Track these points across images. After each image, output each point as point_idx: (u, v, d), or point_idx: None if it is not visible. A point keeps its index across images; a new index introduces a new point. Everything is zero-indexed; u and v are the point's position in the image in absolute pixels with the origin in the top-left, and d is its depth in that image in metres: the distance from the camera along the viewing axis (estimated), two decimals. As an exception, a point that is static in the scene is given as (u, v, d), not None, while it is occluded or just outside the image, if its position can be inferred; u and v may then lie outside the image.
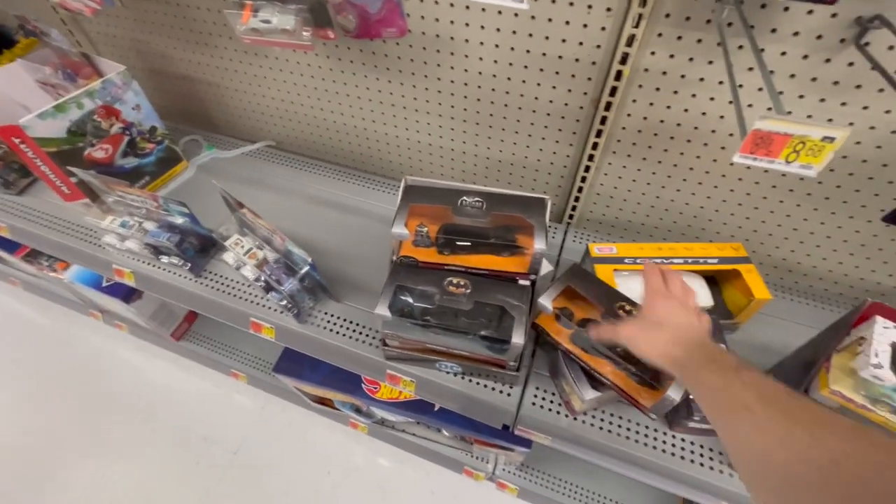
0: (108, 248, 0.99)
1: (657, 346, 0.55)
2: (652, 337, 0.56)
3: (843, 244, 0.86)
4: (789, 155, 0.37)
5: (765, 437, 0.37)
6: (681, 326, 0.56)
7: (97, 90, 0.94)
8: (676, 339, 0.54)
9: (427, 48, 0.87)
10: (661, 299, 0.60)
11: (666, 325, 0.56)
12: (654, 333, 0.56)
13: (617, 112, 0.82)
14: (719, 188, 0.88)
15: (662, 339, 0.55)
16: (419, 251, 0.76)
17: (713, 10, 0.65)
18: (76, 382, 1.62)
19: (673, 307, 0.58)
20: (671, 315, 0.57)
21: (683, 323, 0.56)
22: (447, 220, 0.76)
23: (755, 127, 0.37)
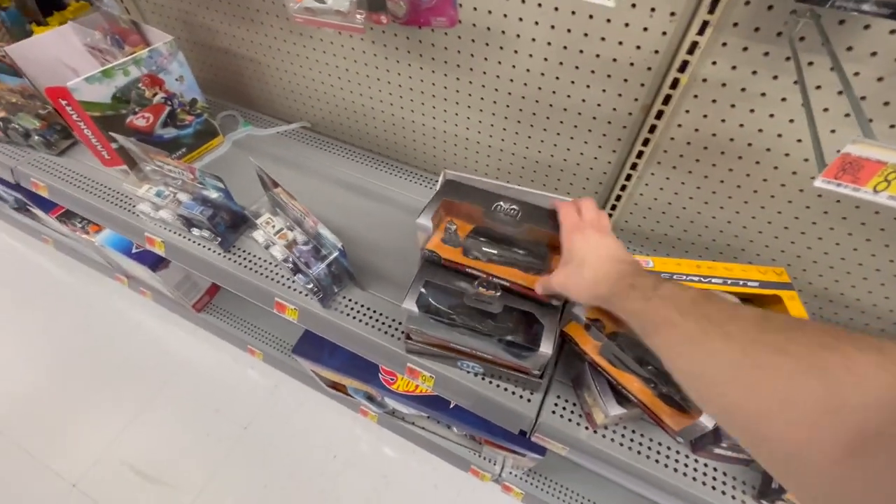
0: (141, 215, 1.00)
1: (585, 288, 0.55)
2: (577, 279, 0.56)
3: (893, 279, 0.82)
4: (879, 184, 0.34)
5: (688, 345, 0.39)
6: (599, 258, 0.55)
7: (144, 59, 0.95)
8: (598, 275, 0.54)
9: (476, 41, 0.85)
10: (577, 234, 0.59)
11: (586, 261, 0.56)
12: (578, 275, 0.56)
13: (668, 122, 0.79)
14: (766, 209, 0.84)
15: (587, 280, 0.55)
16: (446, 248, 0.73)
17: (786, 22, 0.62)
18: (96, 343, 1.66)
19: (588, 238, 0.57)
20: (588, 249, 0.57)
21: (602, 254, 0.56)
22: (479, 222, 0.74)
23: (845, 150, 0.35)
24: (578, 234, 0.59)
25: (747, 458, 0.71)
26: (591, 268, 0.55)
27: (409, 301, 0.69)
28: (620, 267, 0.53)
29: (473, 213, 0.72)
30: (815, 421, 0.28)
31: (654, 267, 0.80)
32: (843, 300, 0.91)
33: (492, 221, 0.70)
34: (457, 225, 0.72)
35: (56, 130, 1.14)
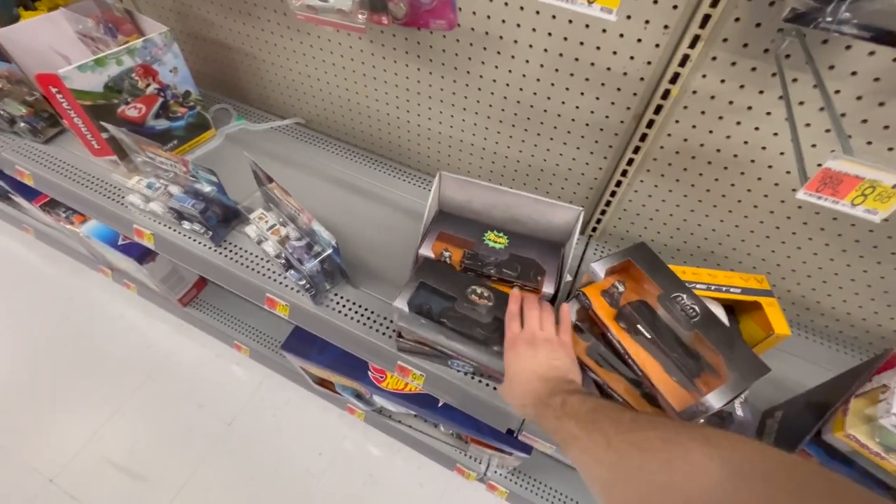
0: (131, 207, 0.99)
1: (516, 406, 0.60)
2: (510, 396, 0.61)
3: (868, 289, 0.86)
4: (856, 198, 0.36)
5: (586, 455, 0.45)
6: (526, 378, 0.59)
7: (138, 49, 0.94)
8: (524, 394, 0.58)
9: (474, 44, 0.87)
10: (511, 350, 0.63)
11: (515, 379, 0.60)
12: (510, 392, 0.61)
13: (658, 131, 0.81)
14: (749, 218, 0.87)
15: (516, 398, 0.60)
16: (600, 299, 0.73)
17: (773, 39, 0.64)
18: (77, 336, 1.63)
19: (517, 354, 0.61)
20: (517, 367, 0.61)
21: (528, 371, 0.59)
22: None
23: (826, 165, 0.37)
24: (511, 350, 0.63)
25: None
26: (519, 386, 0.60)
27: (401, 300, 0.70)
28: (540, 386, 0.57)
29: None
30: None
31: (642, 272, 0.82)
32: (819, 308, 0.95)
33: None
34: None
35: (43, 118, 1.12)
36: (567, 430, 0.48)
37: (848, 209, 0.38)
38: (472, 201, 0.83)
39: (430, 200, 0.79)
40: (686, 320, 0.64)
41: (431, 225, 0.82)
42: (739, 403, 0.72)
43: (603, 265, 0.68)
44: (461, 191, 0.82)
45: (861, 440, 0.58)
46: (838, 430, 0.60)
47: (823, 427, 0.63)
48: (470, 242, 0.80)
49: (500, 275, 0.76)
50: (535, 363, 0.60)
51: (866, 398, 0.60)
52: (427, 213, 0.79)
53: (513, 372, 0.61)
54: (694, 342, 0.64)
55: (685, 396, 0.60)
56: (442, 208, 0.87)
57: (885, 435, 0.57)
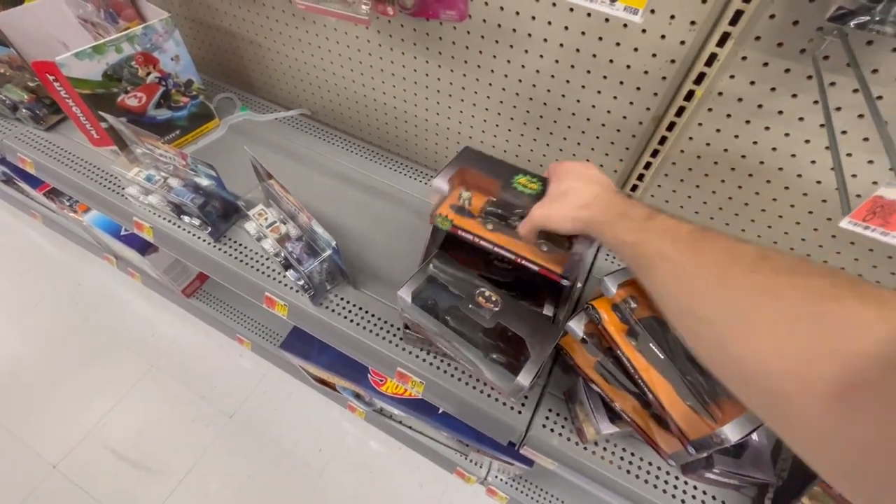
0: (130, 199, 0.97)
1: (568, 214, 0.53)
2: (560, 208, 0.54)
3: None
4: (911, 230, 0.32)
5: (682, 282, 0.37)
6: (584, 187, 0.54)
7: (138, 36, 0.90)
8: (583, 202, 0.52)
9: (486, 37, 0.82)
10: (560, 170, 0.58)
11: (573, 188, 0.54)
12: (561, 203, 0.54)
13: (679, 134, 0.76)
14: (773, 229, 0.82)
15: (570, 206, 0.53)
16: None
17: (811, 39, 0.59)
18: (84, 322, 1.63)
19: (570, 172, 0.56)
20: (571, 180, 0.55)
21: (585, 183, 0.54)
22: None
23: (878, 193, 0.32)
24: (563, 167, 0.58)
25: (738, 483, 0.69)
26: (579, 192, 0.53)
27: (406, 290, 0.67)
28: (610, 195, 0.51)
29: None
30: (808, 364, 0.28)
31: (656, 282, 0.78)
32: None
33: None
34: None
35: (45, 104, 1.10)
36: (654, 246, 0.40)
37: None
38: None
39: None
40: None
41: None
42: (755, 426, 0.68)
43: (615, 279, 0.64)
44: None
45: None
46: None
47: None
48: (496, 184, 0.67)
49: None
50: (596, 174, 0.55)
51: None
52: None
53: (567, 182, 0.55)
54: None
55: (698, 424, 0.57)
56: None
57: None
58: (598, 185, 0.53)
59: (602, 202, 0.51)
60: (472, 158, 0.68)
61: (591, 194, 0.52)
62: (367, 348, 0.83)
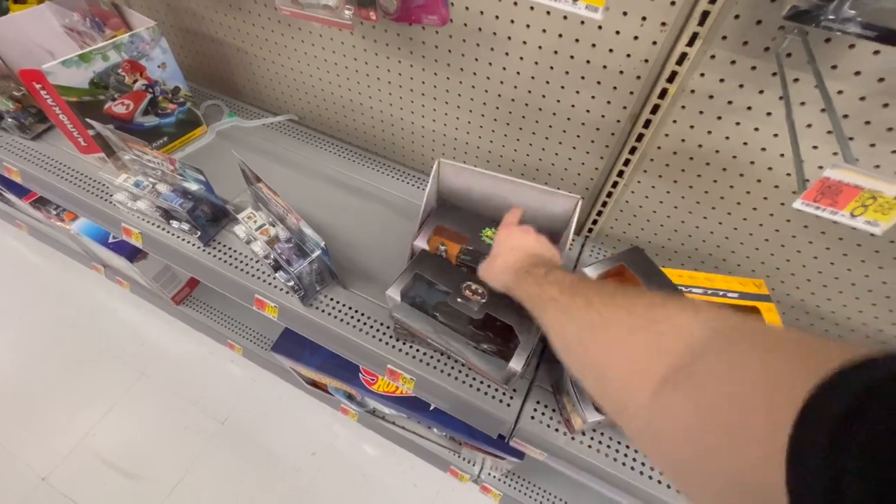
0: (118, 205, 0.97)
1: (493, 276, 0.61)
2: (490, 268, 0.62)
3: (868, 293, 0.84)
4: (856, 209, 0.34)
5: (564, 315, 0.44)
6: (512, 251, 0.61)
7: (124, 44, 0.91)
8: (506, 265, 0.59)
9: (467, 41, 0.84)
10: (503, 230, 0.66)
11: (500, 253, 0.62)
12: (491, 265, 0.62)
13: (655, 131, 0.79)
14: (748, 221, 0.85)
15: (498, 267, 0.61)
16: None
17: (774, 38, 0.62)
18: (71, 333, 1.62)
19: (510, 234, 0.64)
20: (505, 242, 0.63)
21: (514, 246, 0.61)
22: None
23: (825, 175, 0.35)
24: (504, 230, 0.66)
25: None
26: (502, 258, 0.61)
27: (395, 288, 0.69)
28: (524, 258, 0.59)
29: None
30: (643, 362, 0.33)
31: (637, 275, 0.80)
32: (818, 312, 0.93)
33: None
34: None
35: (31, 113, 1.10)
36: (547, 293, 0.48)
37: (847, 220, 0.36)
38: (471, 190, 0.81)
39: (428, 189, 0.76)
40: None
41: (429, 218, 0.80)
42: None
43: (595, 269, 0.67)
44: (460, 179, 0.80)
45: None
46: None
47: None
48: (466, 238, 0.79)
49: None
50: (523, 240, 0.62)
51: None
52: (424, 203, 0.77)
53: (500, 247, 0.63)
54: None
55: None
56: (441, 197, 0.85)
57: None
58: (520, 251, 0.61)
59: (516, 266, 0.58)
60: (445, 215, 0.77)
61: (511, 259, 0.60)
62: (357, 347, 0.84)
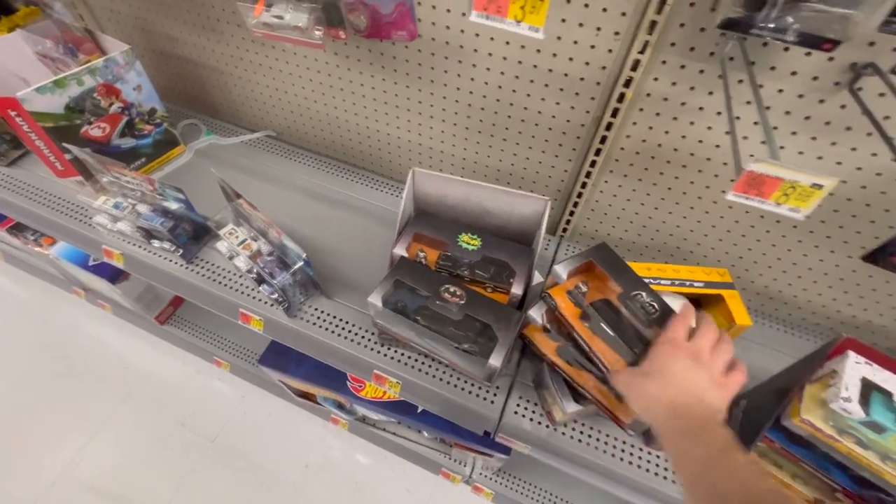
0: (98, 228, 0.98)
1: (641, 398, 0.51)
2: (640, 388, 0.51)
3: (824, 277, 0.89)
4: (780, 198, 0.38)
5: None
6: (675, 380, 0.49)
7: (99, 68, 0.93)
8: (662, 393, 0.48)
9: (436, 54, 0.88)
10: (668, 347, 0.53)
11: (658, 375, 0.50)
12: (642, 384, 0.51)
13: (617, 133, 0.83)
14: (710, 214, 0.90)
15: (649, 393, 0.49)
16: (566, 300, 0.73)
17: (717, 43, 0.67)
18: (54, 359, 1.60)
19: (676, 357, 0.51)
20: (669, 365, 0.51)
21: (680, 377, 0.49)
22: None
23: (749, 169, 0.39)
24: (670, 347, 0.53)
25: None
26: (661, 384, 0.50)
27: (376, 296, 0.72)
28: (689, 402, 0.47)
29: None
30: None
31: (608, 270, 0.84)
32: (781, 297, 0.98)
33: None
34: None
35: (5, 140, 1.10)
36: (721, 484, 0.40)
37: (773, 208, 0.40)
38: (446, 197, 0.84)
39: (404, 198, 0.79)
40: (646, 317, 0.66)
41: (407, 226, 0.83)
42: (705, 394, 0.74)
43: (565, 267, 0.70)
44: (434, 186, 0.83)
45: (816, 424, 0.61)
46: (794, 416, 0.62)
47: (782, 413, 0.65)
48: (444, 244, 0.81)
49: (473, 276, 0.77)
50: (692, 377, 0.49)
51: (819, 384, 0.62)
52: (402, 212, 0.80)
53: (658, 365, 0.52)
54: (654, 338, 0.66)
55: None
56: (418, 205, 0.87)
57: (837, 418, 0.59)
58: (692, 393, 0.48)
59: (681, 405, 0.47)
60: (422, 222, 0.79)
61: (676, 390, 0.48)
62: (343, 354, 0.86)
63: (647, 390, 0.51)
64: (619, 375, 0.58)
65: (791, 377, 0.68)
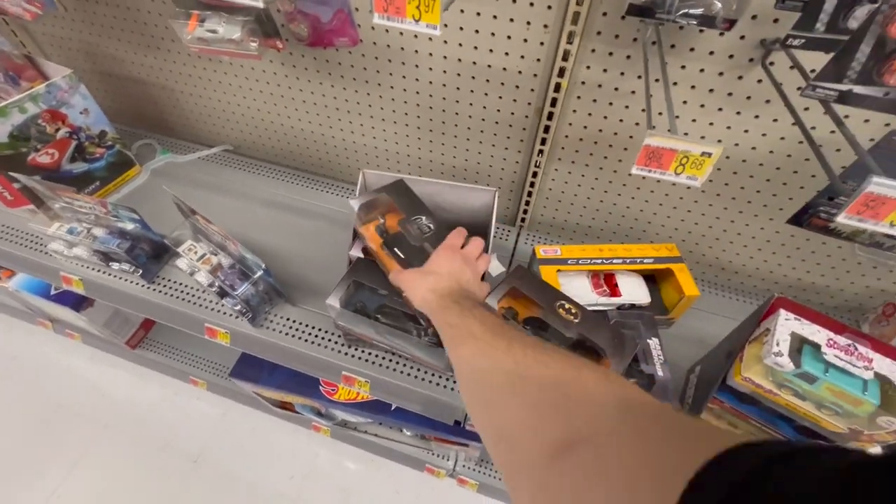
0: (54, 255, 0.97)
1: (419, 291, 0.58)
2: (418, 282, 0.60)
3: (752, 240, 0.94)
4: (677, 168, 0.41)
5: (480, 354, 0.43)
6: (446, 274, 0.60)
7: (41, 94, 0.92)
8: (436, 285, 0.58)
9: (379, 57, 0.90)
10: (444, 251, 0.64)
11: (435, 272, 0.60)
12: (420, 279, 0.60)
13: (559, 122, 0.86)
14: (655, 193, 0.94)
15: (425, 285, 0.58)
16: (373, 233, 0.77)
17: (639, 29, 0.70)
18: (25, 395, 1.56)
19: (449, 257, 0.62)
20: (443, 263, 0.62)
21: (450, 270, 0.60)
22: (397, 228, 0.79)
23: (645, 143, 0.42)
24: (447, 251, 0.64)
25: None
26: (435, 277, 0.60)
27: (334, 297, 0.73)
28: (455, 286, 0.58)
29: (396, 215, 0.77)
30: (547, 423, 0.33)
31: (562, 254, 0.87)
32: (731, 267, 1.03)
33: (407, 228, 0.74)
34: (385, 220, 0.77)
35: (-49, 174, 1.07)
36: (468, 327, 0.47)
37: (673, 178, 0.43)
38: None
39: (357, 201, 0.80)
40: (421, 235, 0.70)
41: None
42: (660, 364, 0.78)
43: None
44: None
45: (756, 381, 0.64)
46: (737, 375, 0.66)
47: (728, 374, 0.69)
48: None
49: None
50: (460, 271, 0.61)
51: (757, 343, 0.66)
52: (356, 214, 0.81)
53: (435, 264, 0.62)
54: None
55: None
56: None
57: (774, 373, 0.63)
58: (454, 279, 0.59)
59: (445, 291, 0.56)
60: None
61: (442, 283, 0.58)
62: (310, 359, 0.87)
63: (424, 283, 0.59)
64: (400, 274, 0.64)
65: (735, 340, 0.72)
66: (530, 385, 0.37)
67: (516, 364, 0.39)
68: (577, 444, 0.30)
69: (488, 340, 0.44)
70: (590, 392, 0.34)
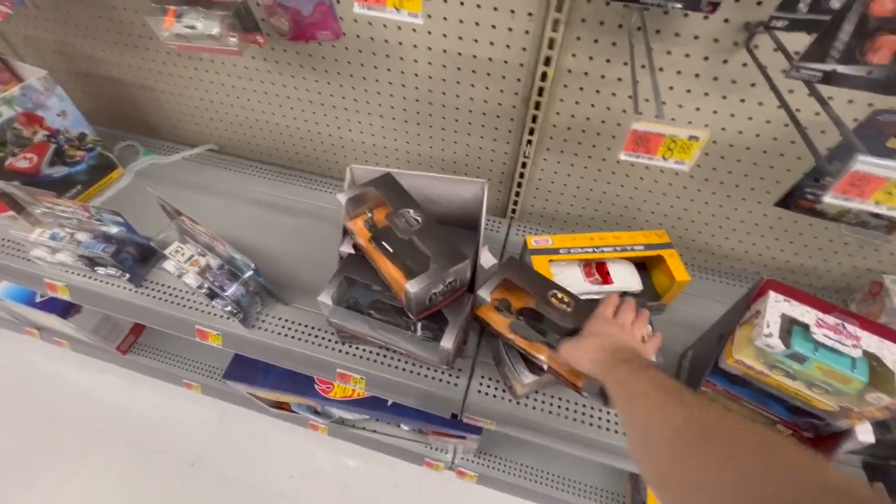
0: (38, 261, 0.95)
1: (585, 354, 0.61)
2: (582, 347, 0.62)
3: (741, 224, 0.95)
4: (665, 153, 0.41)
5: (652, 412, 0.45)
6: (609, 336, 0.61)
7: (16, 97, 0.90)
8: (602, 346, 0.60)
9: (363, 50, 0.89)
10: (601, 320, 0.65)
11: (596, 335, 0.62)
12: (584, 344, 0.62)
13: (546, 111, 0.86)
14: (644, 180, 0.94)
15: (590, 347, 0.61)
16: (361, 227, 0.78)
17: (623, 15, 0.70)
18: (15, 406, 1.53)
19: (609, 324, 0.64)
20: (604, 329, 0.63)
21: (613, 333, 0.61)
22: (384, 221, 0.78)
23: (633, 128, 0.41)
24: (602, 321, 0.65)
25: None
26: (599, 340, 0.61)
27: (325, 295, 0.72)
28: (624, 345, 0.59)
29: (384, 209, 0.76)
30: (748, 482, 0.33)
31: (553, 244, 0.87)
32: (721, 251, 1.03)
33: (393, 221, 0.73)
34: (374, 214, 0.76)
35: (-74, 182, 1.04)
36: (641, 387, 0.48)
37: (661, 163, 0.43)
38: None
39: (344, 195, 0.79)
40: (409, 228, 0.71)
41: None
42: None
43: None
44: None
45: (748, 363, 0.65)
46: (729, 358, 0.67)
47: (719, 357, 0.70)
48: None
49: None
50: (621, 335, 0.62)
51: (747, 325, 0.67)
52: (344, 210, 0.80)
53: (595, 330, 0.63)
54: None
55: None
56: None
57: (765, 355, 0.64)
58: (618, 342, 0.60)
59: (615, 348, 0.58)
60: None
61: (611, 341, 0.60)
62: (305, 358, 0.86)
63: (589, 346, 0.61)
64: (563, 347, 0.65)
65: (726, 323, 0.72)
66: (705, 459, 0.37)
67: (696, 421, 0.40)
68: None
69: (663, 398, 0.44)
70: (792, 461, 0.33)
